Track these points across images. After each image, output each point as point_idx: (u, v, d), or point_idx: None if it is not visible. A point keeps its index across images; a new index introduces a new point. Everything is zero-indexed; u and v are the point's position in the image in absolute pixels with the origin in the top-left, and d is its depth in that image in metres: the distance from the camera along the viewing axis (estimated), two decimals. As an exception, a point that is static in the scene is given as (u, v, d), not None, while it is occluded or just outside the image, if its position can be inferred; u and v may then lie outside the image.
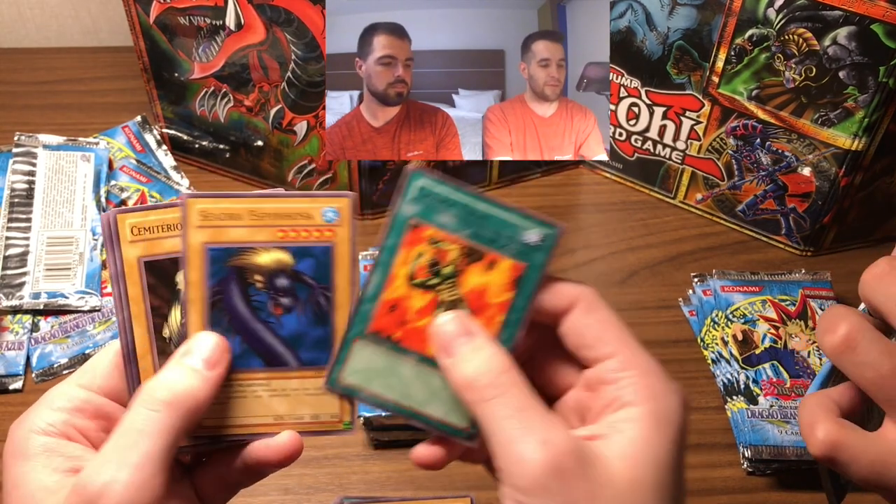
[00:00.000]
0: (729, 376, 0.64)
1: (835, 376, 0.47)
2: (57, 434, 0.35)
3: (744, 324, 0.67)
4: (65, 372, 0.65)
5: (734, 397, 0.63)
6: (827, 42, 0.64)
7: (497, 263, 0.36)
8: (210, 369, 0.35)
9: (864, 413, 0.44)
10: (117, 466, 0.32)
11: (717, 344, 0.67)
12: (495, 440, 0.33)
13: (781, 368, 0.64)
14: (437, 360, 0.35)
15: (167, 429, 0.33)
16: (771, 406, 0.62)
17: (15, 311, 0.67)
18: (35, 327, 0.67)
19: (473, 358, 0.34)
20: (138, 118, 0.82)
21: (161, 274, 0.36)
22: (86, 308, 0.68)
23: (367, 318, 0.36)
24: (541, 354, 0.38)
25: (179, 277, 0.37)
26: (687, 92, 0.73)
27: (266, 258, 0.36)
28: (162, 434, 0.33)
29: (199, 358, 0.35)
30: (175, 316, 0.37)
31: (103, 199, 0.74)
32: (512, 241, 0.36)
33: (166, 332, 0.37)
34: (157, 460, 0.33)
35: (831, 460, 0.43)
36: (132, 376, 0.37)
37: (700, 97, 0.72)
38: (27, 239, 0.70)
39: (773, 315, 0.68)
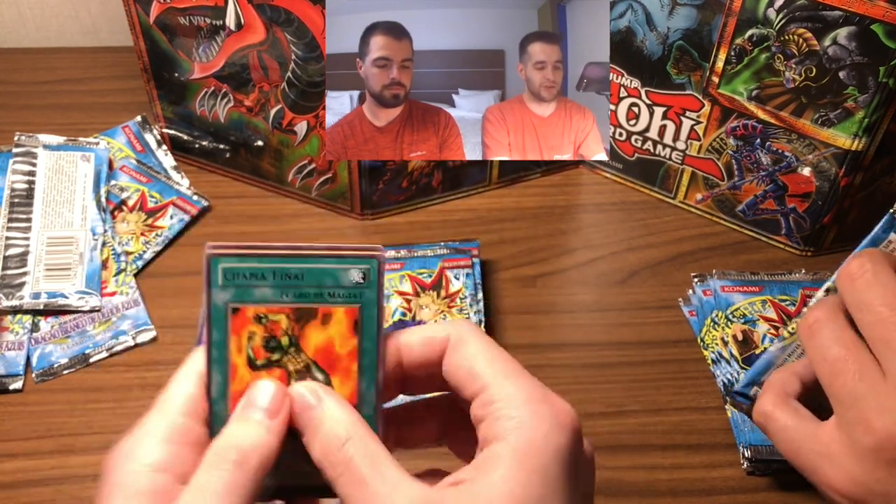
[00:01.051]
0: (729, 376, 0.64)
1: (773, 370, 0.51)
2: (167, 471, 0.33)
3: (744, 324, 0.67)
4: (65, 372, 0.65)
5: (734, 397, 0.63)
6: (827, 42, 0.64)
7: (331, 315, 0.34)
8: (272, 418, 0.34)
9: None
10: None
11: (717, 344, 0.67)
12: None
13: (781, 368, 0.64)
14: None
15: (238, 486, 0.32)
16: (771, 406, 0.62)
17: (15, 311, 0.68)
18: (35, 327, 0.67)
19: (316, 437, 0.34)
20: (138, 118, 0.83)
21: None
22: (86, 308, 0.68)
23: (224, 418, 0.35)
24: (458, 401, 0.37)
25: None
26: (687, 92, 0.73)
27: None
28: (233, 491, 0.32)
29: (260, 408, 0.34)
30: None
31: (103, 199, 0.74)
32: (336, 288, 0.34)
33: None
34: None
35: (762, 428, 0.48)
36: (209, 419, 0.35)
37: (700, 97, 0.72)
38: (27, 239, 0.70)
39: (773, 315, 0.68)
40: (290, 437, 0.35)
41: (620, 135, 0.80)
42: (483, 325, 0.67)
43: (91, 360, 0.66)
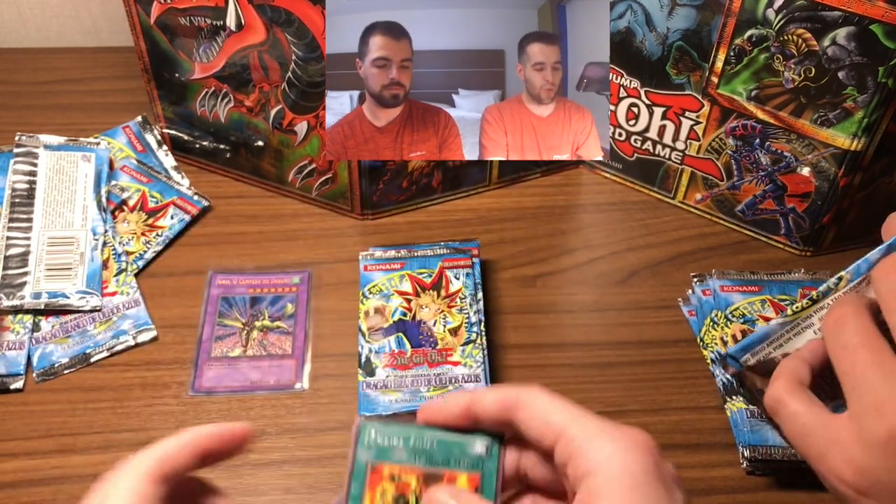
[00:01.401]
0: (728, 376, 0.64)
1: (768, 341, 0.52)
2: None
3: (743, 324, 0.67)
4: (65, 372, 0.65)
5: (734, 397, 0.63)
6: (826, 42, 0.64)
7: (455, 480, 0.39)
8: None
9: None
10: None
11: (716, 344, 0.67)
12: None
13: (781, 368, 0.64)
14: None
15: None
16: (770, 406, 0.62)
17: (16, 310, 0.68)
18: (36, 327, 0.67)
19: None
20: (139, 118, 0.83)
21: None
22: (87, 308, 0.68)
23: None
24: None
25: None
26: (686, 92, 0.73)
27: None
28: None
29: None
30: None
31: (104, 199, 0.74)
32: (463, 456, 0.39)
33: None
34: None
35: (773, 413, 0.48)
36: None
37: (699, 97, 0.72)
38: (28, 239, 0.70)
39: (773, 315, 0.68)
40: None
41: (620, 135, 0.80)
42: (483, 324, 0.67)
43: (92, 359, 0.66)
